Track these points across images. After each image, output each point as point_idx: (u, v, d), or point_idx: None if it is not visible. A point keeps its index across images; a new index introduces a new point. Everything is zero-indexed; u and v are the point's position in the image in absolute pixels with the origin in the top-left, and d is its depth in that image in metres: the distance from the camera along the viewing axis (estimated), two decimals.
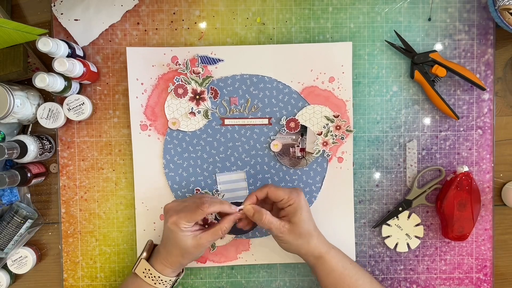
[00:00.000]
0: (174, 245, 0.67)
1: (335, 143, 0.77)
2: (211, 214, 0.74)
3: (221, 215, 0.71)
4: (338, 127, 0.77)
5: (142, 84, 0.76)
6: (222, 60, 0.76)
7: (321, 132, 0.77)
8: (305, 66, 0.77)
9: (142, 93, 0.76)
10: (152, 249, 0.73)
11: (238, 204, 0.77)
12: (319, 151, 0.77)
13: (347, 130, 0.77)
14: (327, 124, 0.77)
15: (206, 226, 0.75)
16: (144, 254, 0.71)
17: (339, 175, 0.78)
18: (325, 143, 0.77)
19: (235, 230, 0.77)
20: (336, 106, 0.77)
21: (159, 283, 0.69)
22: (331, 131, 0.77)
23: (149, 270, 0.69)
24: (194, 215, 0.66)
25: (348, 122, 0.77)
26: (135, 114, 0.77)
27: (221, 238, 0.77)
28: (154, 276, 0.69)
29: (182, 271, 0.74)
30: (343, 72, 0.77)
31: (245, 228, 0.72)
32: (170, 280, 0.70)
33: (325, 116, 0.77)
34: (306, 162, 0.78)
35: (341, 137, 0.77)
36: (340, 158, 0.78)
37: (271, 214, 0.68)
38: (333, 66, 0.77)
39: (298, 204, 0.67)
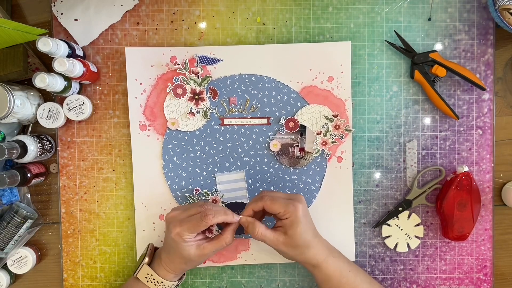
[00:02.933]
0: (177, 254, 0.67)
1: (334, 142, 0.77)
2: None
3: (223, 224, 0.71)
4: (337, 127, 0.77)
5: (141, 84, 0.76)
6: (221, 60, 0.76)
7: (320, 132, 0.77)
8: (304, 65, 0.77)
9: (141, 93, 0.76)
10: (153, 253, 0.73)
11: (238, 204, 0.77)
12: (319, 150, 0.77)
13: (346, 130, 0.77)
14: (326, 124, 0.77)
15: (208, 230, 0.75)
16: (146, 259, 0.71)
17: (339, 174, 0.78)
18: (324, 143, 0.77)
19: None
20: (335, 105, 0.77)
21: None
22: (330, 131, 0.77)
23: (151, 275, 0.69)
24: (197, 227, 0.65)
25: (347, 121, 0.77)
26: (134, 114, 0.77)
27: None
28: (157, 282, 0.69)
29: (184, 275, 0.74)
30: (342, 72, 0.77)
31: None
32: (172, 284, 0.70)
33: (324, 116, 0.77)
34: (305, 162, 0.78)
35: (340, 136, 0.77)
36: (340, 158, 0.78)
37: (266, 226, 0.68)
38: (332, 65, 0.77)
39: (295, 218, 0.66)
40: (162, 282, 0.69)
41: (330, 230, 0.78)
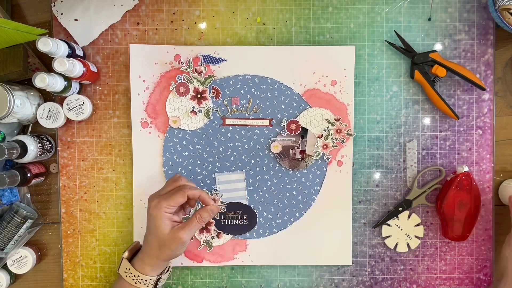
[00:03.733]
0: (153, 234, 0.67)
1: (335, 146, 0.77)
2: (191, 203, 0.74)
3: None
4: (338, 131, 0.77)
5: (144, 81, 0.76)
6: (225, 60, 0.76)
7: (322, 135, 0.77)
8: (307, 68, 0.77)
9: (144, 91, 0.77)
10: (135, 249, 0.72)
11: (237, 204, 0.77)
12: (319, 154, 0.77)
13: (347, 134, 0.77)
14: (328, 127, 0.77)
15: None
16: (126, 254, 0.70)
17: (338, 178, 0.78)
18: (325, 146, 0.77)
19: (232, 230, 0.77)
20: (337, 109, 0.77)
21: (139, 283, 0.68)
22: (331, 134, 0.77)
23: (129, 269, 0.68)
24: (175, 196, 0.66)
25: (348, 125, 0.77)
26: (136, 111, 0.77)
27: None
28: (134, 276, 0.68)
29: (167, 271, 0.72)
30: (345, 76, 0.77)
31: None
32: (150, 279, 0.68)
33: (326, 119, 0.77)
34: (305, 165, 0.78)
35: (342, 140, 0.77)
36: (340, 162, 0.78)
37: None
38: (335, 69, 0.77)
39: None
40: (138, 276, 0.68)
41: (328, 233, 0.78)
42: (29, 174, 0.73)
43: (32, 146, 0.71)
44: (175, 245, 0.67)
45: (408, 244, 0.79)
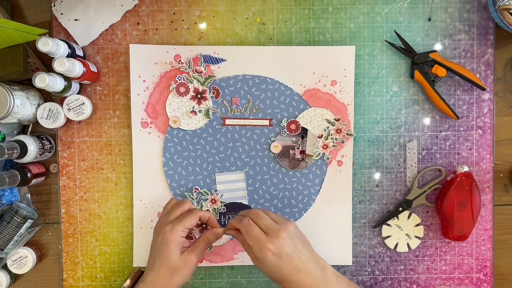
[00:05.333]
0: (164, 261, 0.65)
1: (335, 146, 0.77)
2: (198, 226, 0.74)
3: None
4: (338, 131, 0.77)
5: (144, 81, 0.76)
6: (225, 60, 0.77)
7: (322, 135, 0.77)
8: (307, 68, 0.77)
9: (144, 91, 0.77)
10: (138, 277, 0.70)
11: (237, 204, 0.77)
12: (319, 154, 0.77)
13: (347, 134, 0.77)
14: (328, 127, 0.77)
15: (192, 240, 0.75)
16: (128, 282, 0.68)
17: (338, 178, 0.78)
18: (325, 146, 0.77)
19: None
20: (337, 109, 0.77)
21: None
22: (331, 134, 0.77)
23: None
24: (189, 219, 0.66)
25: (349, 125, 0.77)
26: (136, 111, 0.77)
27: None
28: None
29: None
30: (345, 76, 0.77)
31: None
32: None
33: (326, 119, 0.77)
34: (305, 165, 0.78)
35: (342, 140, 0.77)
36: (340, 162, 0.78)
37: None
38: (335, 69, 0.77)
39: (257, 258, 0.63)
40: None
41: (328, 234, 0.78)
42: (29, 174, 0.73)
43: (32, 146, 0.71)
44: (186, 270, 0.65)
45: (408, 244, 0.79)
